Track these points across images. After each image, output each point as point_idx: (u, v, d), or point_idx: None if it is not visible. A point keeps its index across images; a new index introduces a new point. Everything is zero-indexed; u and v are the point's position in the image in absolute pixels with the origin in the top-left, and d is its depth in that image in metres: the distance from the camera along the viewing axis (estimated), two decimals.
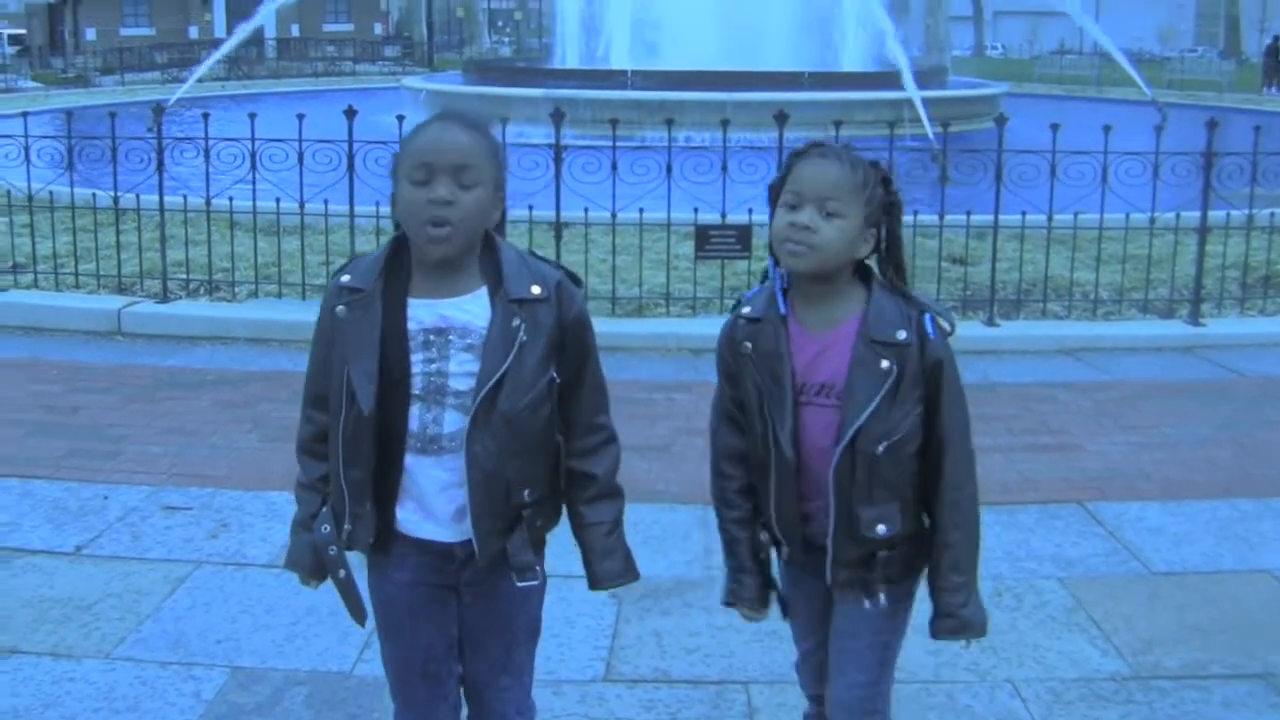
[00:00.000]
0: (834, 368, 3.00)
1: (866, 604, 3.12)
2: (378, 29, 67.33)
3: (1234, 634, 4.81)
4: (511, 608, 3.10)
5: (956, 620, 3.13)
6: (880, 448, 2.98)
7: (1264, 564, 5.47)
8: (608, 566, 3.11)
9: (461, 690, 3.22)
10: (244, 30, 33.07)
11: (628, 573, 3.15)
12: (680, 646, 4.67)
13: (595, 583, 3.15)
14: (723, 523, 3.24)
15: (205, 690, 4.33)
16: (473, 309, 2.90)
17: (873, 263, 3.09)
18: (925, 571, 3.16)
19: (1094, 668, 4.57)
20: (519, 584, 2.99)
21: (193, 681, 4.39)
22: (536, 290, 2.91)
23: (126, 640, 4.68)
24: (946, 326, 3.04)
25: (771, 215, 3.06)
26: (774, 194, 3.06)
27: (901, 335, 2.97)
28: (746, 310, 3.11)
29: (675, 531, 5.69)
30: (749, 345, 3.05)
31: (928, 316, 3.02)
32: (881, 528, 3.03)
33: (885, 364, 2.95)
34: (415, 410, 2.91)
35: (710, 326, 9.73)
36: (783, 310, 3.04)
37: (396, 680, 3.19)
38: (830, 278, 3.02)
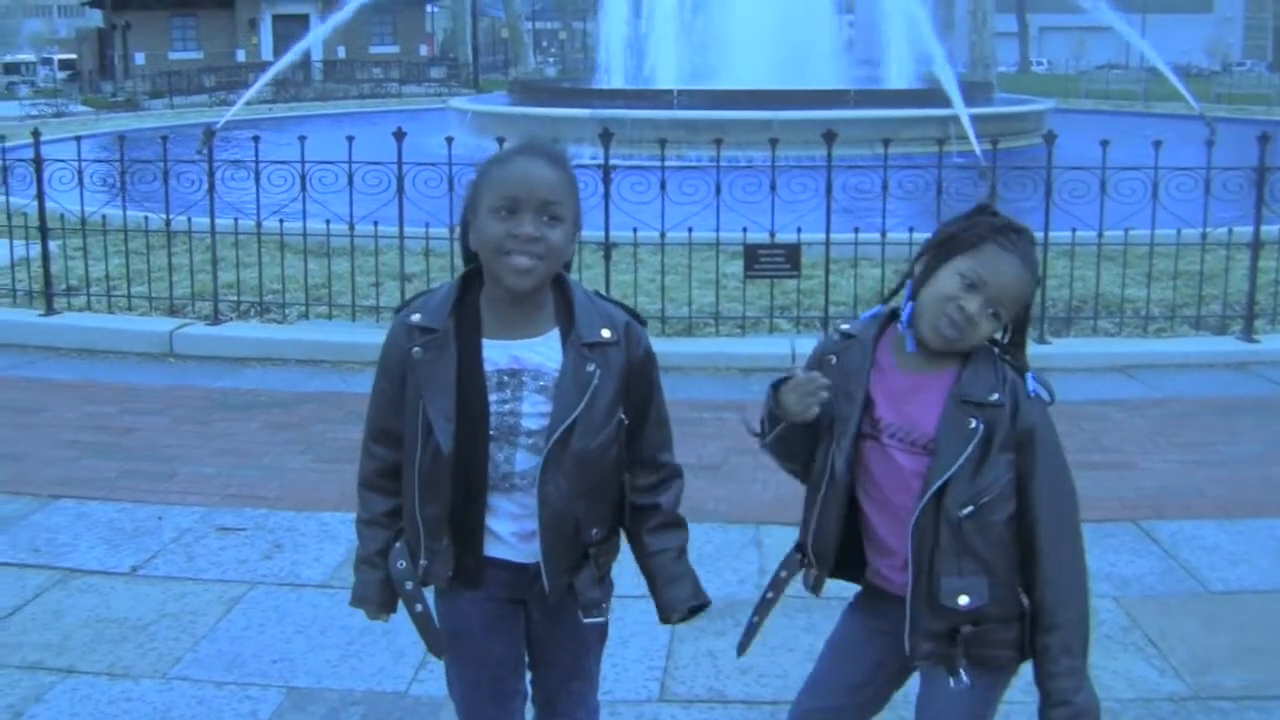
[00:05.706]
0: (920, 413, 2.89)
1: (951, 682, 2.92)
2: (423, 51, 67.62)
3: None
4: (580, 622, 3.07)
5: (1071, 708, 2.86)
6: (965, 510, 2.82)
7: None
8: (676, 593, 3.07)
9: (529, 700, 3.23)
10: (292, 53, 33.43)
11: (696, 596, 3.10)
12: (735, 666, 4.64)
13: (665, 611, 3.11)
14: None
15: (261, 710, 4.35)
16: (545, 351, 2.91)
17: None
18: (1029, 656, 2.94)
19: (1152, 688, 4.52)
20: (584, 620, 2.99)
21: (249, 701, 4.41)
22: (607, 334, 2.92)
23: (183, 660, 4.71)
24: (1046, 396, 2.90)
25: (925, 263, 2.93)
26: (939, 249, 2.91)
27: (994, 397, 2.85)
28: (845, 327, 3.06)
29: (727, 550, 5.68)
30: (834, 359, 3.00)
31: (1030, 376, 2.90)
32: (965, 599, 2.85)
33: (973, 423, 2.83)
34: (490, 449, 2.91)
35: (759, 346, 9.74)
36: (902, 333, 2.95)
37: (464, 703, 3.18)
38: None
